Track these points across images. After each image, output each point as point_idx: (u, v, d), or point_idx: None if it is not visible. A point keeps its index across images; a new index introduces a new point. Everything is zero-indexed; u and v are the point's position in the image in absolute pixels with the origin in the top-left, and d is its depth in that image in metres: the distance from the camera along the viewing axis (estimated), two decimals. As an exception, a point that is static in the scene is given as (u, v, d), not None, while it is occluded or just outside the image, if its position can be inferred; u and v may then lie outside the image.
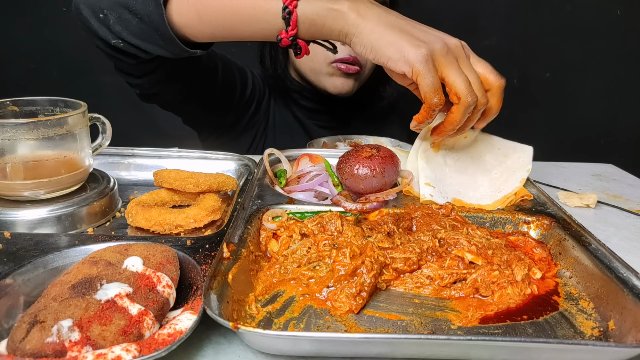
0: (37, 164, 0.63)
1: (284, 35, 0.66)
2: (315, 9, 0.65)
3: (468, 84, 0.61)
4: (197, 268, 0.51)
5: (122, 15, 0.72)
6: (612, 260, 0.53)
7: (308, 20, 0.65)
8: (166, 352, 0.39)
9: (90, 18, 0.75)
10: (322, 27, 0.65)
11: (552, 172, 0.97)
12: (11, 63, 1.46)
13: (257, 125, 1.15)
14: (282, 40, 0.67)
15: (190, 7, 0.70)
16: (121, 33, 0.74)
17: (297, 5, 0.64)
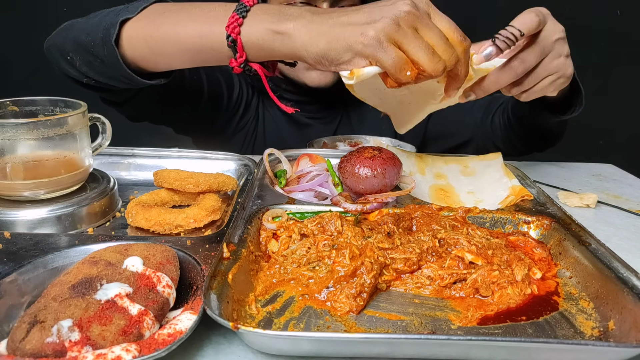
0: (37, 164, 0.63)
1: (234, 64, 0.63)
2: (259, 34, 0.60)
3: (431, 53, 0.55)
4: (197, 268, 0.51)
5: (85, 57, 0.73)
6: (612, 260, 0.53)
7: (255, 46, 0.61)
8: (166, 352, 0.39)
9: (60, 60, 0.77)
10: (272, 50, 0.61)
11: (552, 172, 0.97)
12: (12, 63, 1.46)
13: (248, 125, 1.15)
14: (234, 68, 0.63)
15: (140, 42, 0.70)
16: (88, 73, 0.75)
17: (240, 32, 0.61)
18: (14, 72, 1.48)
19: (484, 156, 0.83)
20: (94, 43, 0.70)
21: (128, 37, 0.70)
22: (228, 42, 0.61)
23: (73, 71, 0.76)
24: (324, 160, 0.80)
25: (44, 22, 1.51)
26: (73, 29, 0.76)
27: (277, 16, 0.60)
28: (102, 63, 0.71)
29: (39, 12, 0.88)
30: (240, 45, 0.61)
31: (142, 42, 0.70)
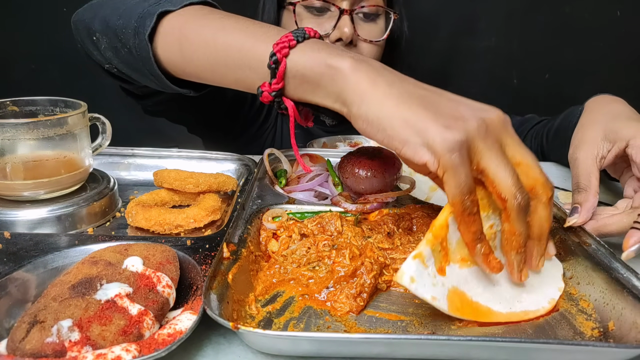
0: (37, 164, 0.63)
1: (266, 89, 0.53)
2: (309, 63, 0.51)
3: (516, 179, 0.45)
4: (197, 268, 0.51)
5: (112, 42, 0.66)
6: (612, 260, 0.53)
7: (299, 75, 0.52)
8: (166, 352, 0.39)
9: (85, 39, 0.71)
10: (316, 87, 0.51)
11: (552, 172, 0.97)
12: (12, 63, 1.46)
13: (267, 134, 1.13)
14: (263, 93, 0.54)
15: (174, 41, 0.62)
16: (112, 60, 0.68)
17: (288, 54, 0.52)
18: (14, 72, 1.48)
19: None
20: (125, 30, 0.63)
21: (164, 32, 0.63)
22: (270, 62, 0.52)
23: (97, 54, 0.70)
24: (324, 160, 0.80)
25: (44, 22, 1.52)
26: (106, 6, 0.69)
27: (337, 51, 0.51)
28: (130, 54, 0.64)
29: (38, 12, 0.88)
30: (282, 70, 0.52)
31: (176, 43, 0.62)
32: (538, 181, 0.46)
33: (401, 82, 0.49)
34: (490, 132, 0.45)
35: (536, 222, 0.47)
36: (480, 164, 0.45)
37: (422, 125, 0.44)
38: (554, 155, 0.99)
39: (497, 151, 0.45)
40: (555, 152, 0.99)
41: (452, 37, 1.47)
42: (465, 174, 0.44)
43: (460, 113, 0.45)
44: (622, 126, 0.65)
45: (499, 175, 0.44)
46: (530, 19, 1.47)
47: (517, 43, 1.49)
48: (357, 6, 0.96)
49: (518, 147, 0.46)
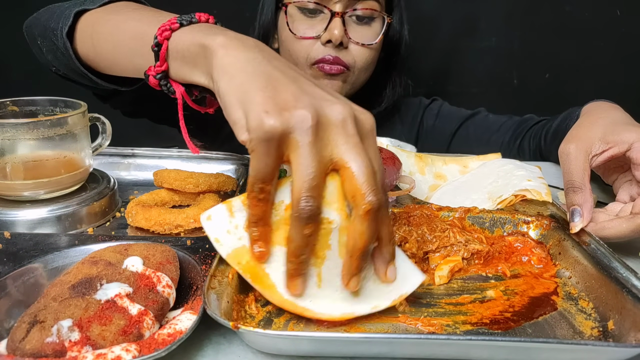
0: (37, 164, 0.63)
1: (151, 72, 0.53)
2: (187, 44, 0.50)
3: (312, 185, 0.41)
4: (197, 268, 0.51)
5: (49, 44, 0.68)
6: (611, 260, 0.53)
7: (179, 57, 0.51)
8: (166, 352, 0.39)
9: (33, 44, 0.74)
10: (194, 66, 0.50)
11: (552, 172, 0.97)
12: (12, 63, 1.46)
13: None
14: (149, 77, 0.53)
15: (87, 38, 0.63)
16: (53, 62, 0.70)
17: (169, 37, 0.52)
18: (14, 72, 1.48)
19: (483, 156, 0.83)
20: (55, 32, 0.66)
21: (80, 30, 0.65)
22: (153, 45, 0.52)
23: (42, 57, 0.73)
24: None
25: (44, 22, 1.52)
26: (47, 12, 0.72)
27: (218, 30, 0.50)
28: (62, 54, 0.67)
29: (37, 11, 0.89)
30: (163, 52, 0.52)
31: (89, 38, 0.64)
32: (358, 190, 0.41)
33: (262, 60, 0.45)
34: (319, 128, 0.41)
35: (350, 235, 0.42)
36: (288, 157, 0.42)
37: (250, 107, 0.42)
38: (552, 156, 1.00)
39: (308, 150, 0.40)
40: (553, 153, 0.99)
41: (452, 37, 1.47)
42: (265, 163, 0.41)
43: (296, 102, 0.41)
44: (623, 130, 0.65)
45: (295, 173, 0.41)
46: (531, 19, 1.47)
47: (518, 43, 1.48)
48: (350, 9, 0.95)
49: (350, 149, 0.41)
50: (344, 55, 0.98)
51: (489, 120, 1.17)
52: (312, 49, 0.98)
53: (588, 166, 0.64)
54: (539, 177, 0.74)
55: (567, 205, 0.62)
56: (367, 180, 0.41)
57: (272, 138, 0.40)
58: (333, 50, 0.97)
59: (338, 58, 0.96)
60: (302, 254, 0.43)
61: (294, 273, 0.44)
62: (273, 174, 0.43)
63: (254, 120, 0.41)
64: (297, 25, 0.98)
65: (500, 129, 1.14)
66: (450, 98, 1.49)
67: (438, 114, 1.20)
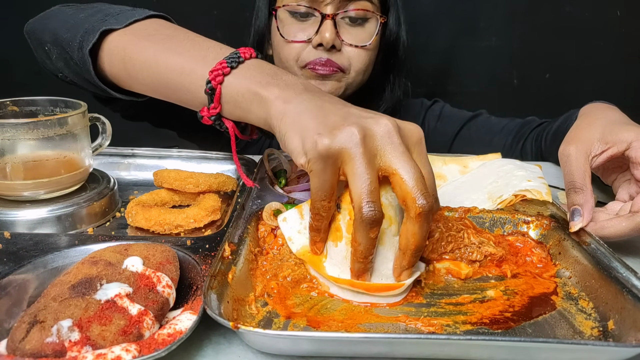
0: (37, 164, 0.63)
1: (205, 113, 0.58)
2: (241, 91, 0.54)
3: (369, 190, 0.44)
4: (197, 268, 0.51)
5: (61, 53, 0.68)
6: (611, 259, 0.53)
7: (233, 101, 0.55)
8: (166, 352, 0.39)
9: (38, 48, 0.73)
10: (248, 112, 0.55)
11: (552, 172, 0.97)
12: (12, 63, 1.46)
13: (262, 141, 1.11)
14: (203, 117, 0.58)
15: (119, 60, 0.65)
16: (63, 69, 0.71)
17: (222, 82, 0.55)
18: (14, 72, 1.48)
19: (483, 156, 0.83)
20: (72, 44, 0.66)
21: (108, 50, 0.65)
22: (206, 89, 0.56)
23: (49, 63, 0.73)
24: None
25: (44, 22, 1.52)
26: (56, 19, 0.71)
27: (267, 78, 0.54)
28: (77, 65, 0.68)
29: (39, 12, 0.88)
30: (217, 96, 0.56)
31: (120, 62, 0.65)
32: (408, 195, 0.44)
33: (312, 97, 0.51)
34: (367, 141, 0.45)
35: (402, 234, 0.47)
36: (344, 170, 0.46)
37: (305, 134, 0.47)
38: (552, 158, 1.00)
39: (360, 160, 0.44)
40: (554, 154, 0.99)
41: (452, 37, 1.47)
42: (324, 179, 0.46)
43: (344, 121, 0.46)
44: (621, 130, 0.66)
45: (352, 183, 0.45)
46: (531, 19, 1.47)
47: (518, 43, 1.48)
48: (342, 11, 0.94)
49: (397, 157, 0.45)
50: (337, 57, 0.96)
51: (491, 122, 1.16)
52: (303, 52, 0.97)
53: (589, 167, 0.65)
54: (539, 177, 0.74)
55: (568, 206, 0.62)
56: (416, 184, 0.44)
57: (326, 155, 0.45)
58: (325, 53, 0.95)
59: (330, 60, 0.95)
60: (370, 255, 0.47)
61: (362, 271, 0.49)
62: (332, 190, 0.47)
63: (309, 143, 0.46)
64: (287, 29, 0.97)
65: (503, 130, 1.13)
66: (450, 98, 1.50)
67: (440, 116, 1.20)
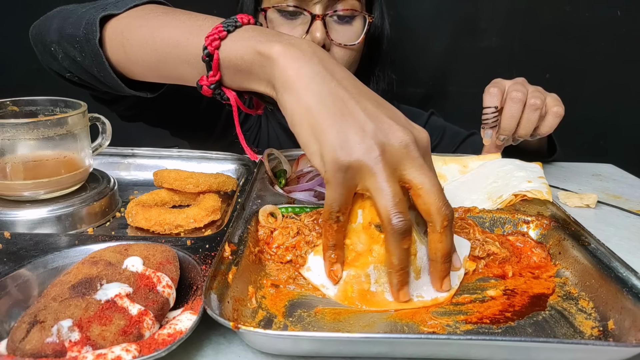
0: (37, 164, 0.63)
1: (204, 82, 0.54)
2: (240, 52, 0.51)
3: (395, 203, 0.45)
4: (197, 268, 0.51)
5: (68, 51, 0.67)
6: (611, 259, 0.53)
7: (232, 65, 0.52)
8: (166, 352, 0.39)
9: (43, 51, 0.72)
10: (249, 74, 0.52)
11: (552, 172, 0.97)
12: (12, 63, 1.46)
13: (249, 133, 1.12)
14: (203, 87, 0.55)
15: (118, 45, 0.63)
16: (70, 68, 0.69)
17: (219, 46, 0.52)
18: (14, 72, 1.48)
19: (483, 156, 0.83)
20: (79, 39, 0.65)
21: (108, 37, 0.64)
22: (203, 55, 0.53)
23: (56, 64, 0.72)
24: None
25: (44, 23, 1.51)
26: (58, 17, 0.71)
27: (268, 37, 0.51)
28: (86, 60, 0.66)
29: (39, 12, 0.88)
30: (216, 62, 0.52)
31: (120, 46, 0.63)
32: (433, 206, 0.46)
33: (325, 75, 0.48)
34: (387, 155, 0.45)
35: (431, 245, 0.48)
36: (364, 186, 0.46)
37: (323, 137, 0.46)
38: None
39: (382, 175, 0.45)
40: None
41: (452, 37, 1.47)
42: (340, 192, 0.46)
43: (363, 131, 0.45)
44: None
45: (377, 198, 0.45)
46: (531, 19, 1.47)
47: (518, 43, 1.48)
48: (330, 10, 0.93)
49: (418, 170, 0.46)
50: None
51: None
52: None
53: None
54: (539, 177, 0.73)
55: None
56: (438, 196, 0.46)
57: (346, 170, 0.45)
58: None
59: None
60: (406, 266, 0.48)
61: (401, 285, 0.48)
62: (348, 202, 0.48)
63: (328, 155, 0.45)
64: (277, 29, 0.97)
65: None
66: (450, 98, 1.50)
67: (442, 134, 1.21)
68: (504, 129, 0.80)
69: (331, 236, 0.49)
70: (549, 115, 0.80)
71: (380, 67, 1.13)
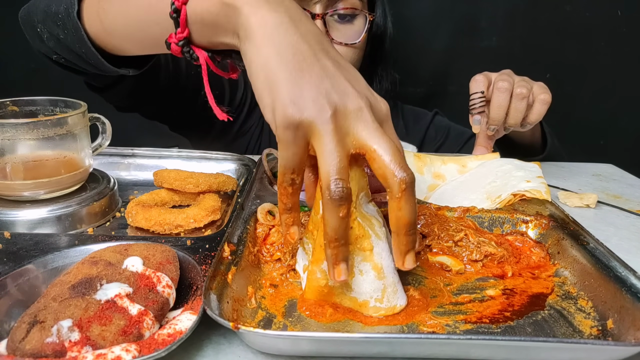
0: (37, 164, 0.63)
1: (173, 40, 0.53)
2: (206, 5, 0.49)
3: (339, 167, 0.42)
4: (197, 268, 0.51)
5: (52, 29, 0.67)
6: (610, 259, 0.53)
7: (199, 20, 0.51)
8: (166, 352, 0.39)
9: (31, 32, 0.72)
10: (216, 27, 0.50)
11: (552, 172, 0.97)
12: (12, 63, 1.46)
13: (252, 131, 1.11)
14: (171, 45, 0.53)
15: (94, 16, 0.62)
16: (56, 48, 0.69)
17: (186, 1, 0.51)
18: (14, 72, 1.48)
19: (482, 156, 0.83)
20: (61, 15, 0.64)
21: (85, 10, 0.63)
22: (171, 12, 0.51)
23: (43, 45, 0.71)
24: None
25: (44, 23, 1.51)
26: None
27: None
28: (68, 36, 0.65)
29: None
30: (183, 18, 0.51)
31: (96, 16, 0.62)
32: (387, 169, 0.42)
33: (289, 26, 0.46)
34: (338, 117, 0.43)
35: (391, 215, 0.44)
36: (312, 146, 0.44)
37: (276, 91, 0.43)
38: None
39: (330, 137, 0.42)
40: None
41: (452, 37, 1.47)
42: (293, 152, 0.44)
43: (317, 89, 0.43)
44: None
45: (321, 160, 0.43)
46: (531, 18, 1.47)
47: (518, 43, 1.48)
48: (331, 9, 0.93)
49: (371, 133, 0.43)
50: None
51: None
52: None
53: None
54: (538, 177, 0.74)
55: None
56: (394, 159, 0.42)
57: (296, 127, 0.43)
58: None
59: None
60: (342, 238, 0.44)
61: (335, 259, 0.44)
62: (302, 163, 0.45)
63: (280, 108, 0.43)
64: None
65: None
66: (450, 98, 1.50)
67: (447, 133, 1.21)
68: (493, 119, 0.81)
69: (286, 199, 0.47)
70: (537, 103, 0.81)
71: (383, 66, 1.13)
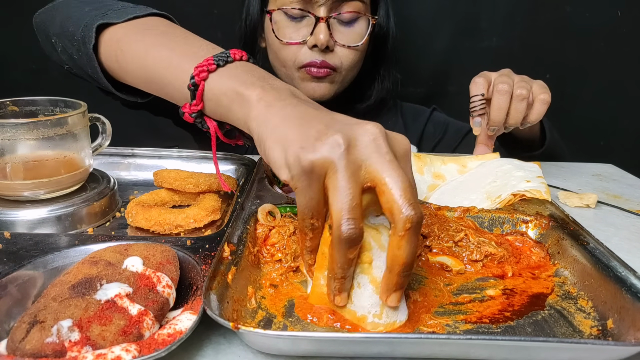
0: (37, 164, 0.63)
1: (187, 110, 0.56)
2: (223, 89, 0.53)
3: (352, 205, 0.40)
4: (197, 268, 0.51)
5: (66, 46, 0.69)
6: (610, 259, 0.53)
7: (215, 99, 0.54)
8: (166, 352, 0.39)
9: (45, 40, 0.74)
10: (229, 111, 0.53)
11: (552, 172, 0.97)
12: (12, 63, 1.46)
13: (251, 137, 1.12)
14: (185, 114, 0.56)
15: (111, 53, 0.65)
16: (68, 62, 0.72)
17: (206, 78, 0.54)
18: (14, 72, 1.48)
19: (482, 156, 0.83)
20: (77, 37, 0.67)
21: (104, 42, 0.66)
22: (189, 84, 0.54)
23: (55, 55, 0.74)
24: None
25: (44, 23, 1.51)
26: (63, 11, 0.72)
27: (253, 79, 0.52)
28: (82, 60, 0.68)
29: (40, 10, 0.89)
30: (200, 93, 0.54)
31: (113, 55, 0.65)
32: (395, 204, 0.40)
33: (297, 103, 0.47)
34: (351, 150, 0.41)
35: (389, 251, 0.42)
36: (326, 184, 0.42)
37: (287, 144, 0.43)
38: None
39: (343, 173, 0.41)
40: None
41: (452, 37, 1.47)
42: (310, 197, 0.43)
43: (327, 130, 0.42)
44: None
45: (332, 198, 0.41)
46: (531, 19, 1.47)
47: (518, 43, 1.48)
48: (335, 13, 0.95)
49: (384, 165, 0.41)
50: (330, 57, 0.99)
51: None
52: (299, 53, 0.99)
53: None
54: (538, 177, 0.74)
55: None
56: (404, 194, 0.40)
57: (310, 171, 0.42)
58: (319, 54, 0.98)
59: (325, 61, 0.98)
60: (348, 276, 0.44)
61: (339, 291, 0.45)
62: (320, 207, 0.44)
63: (292, 157, 0.42)
64: (283, 30, 0.99)
65: None
66: (450, 98, 1.50)
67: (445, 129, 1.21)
68: (494, 120, 0.81)
69: (308, 243, 0.47)
70: (537, 103, 0.81)
71: (385, 67, 1.14)
